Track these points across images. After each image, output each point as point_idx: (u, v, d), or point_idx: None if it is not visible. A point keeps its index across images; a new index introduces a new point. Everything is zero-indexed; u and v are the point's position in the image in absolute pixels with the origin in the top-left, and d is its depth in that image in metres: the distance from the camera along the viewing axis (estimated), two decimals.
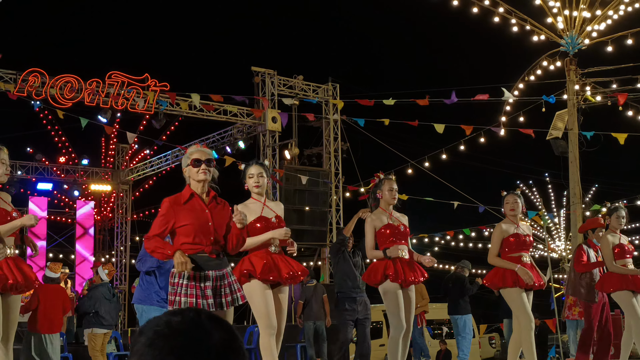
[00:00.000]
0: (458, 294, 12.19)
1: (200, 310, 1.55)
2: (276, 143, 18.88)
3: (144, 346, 1.49)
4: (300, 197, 18.69)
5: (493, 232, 7.43)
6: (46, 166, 22.66)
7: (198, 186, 5.03)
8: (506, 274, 7.09)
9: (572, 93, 17.73)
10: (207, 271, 4.90)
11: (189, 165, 5.04)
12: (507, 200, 7.38)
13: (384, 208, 6.96)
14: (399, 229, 6.85)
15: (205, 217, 4.93)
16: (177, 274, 4.86)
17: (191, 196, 4.99)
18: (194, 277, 4.86)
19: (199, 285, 4.86)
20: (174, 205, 4.95)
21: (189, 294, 4.83)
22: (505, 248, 7.21)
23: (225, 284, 4.97)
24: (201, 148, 5.15)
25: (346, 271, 9.81)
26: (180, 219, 4.90)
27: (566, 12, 17.78)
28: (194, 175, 5.01)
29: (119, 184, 24.25)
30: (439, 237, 25.43)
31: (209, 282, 4.89)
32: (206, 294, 4.86)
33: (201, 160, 5.02)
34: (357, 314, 9.85)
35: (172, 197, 5.07)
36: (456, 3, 16.91)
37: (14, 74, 15.73)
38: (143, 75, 16.88)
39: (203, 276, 4.88)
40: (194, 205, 4.97)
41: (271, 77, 18.80)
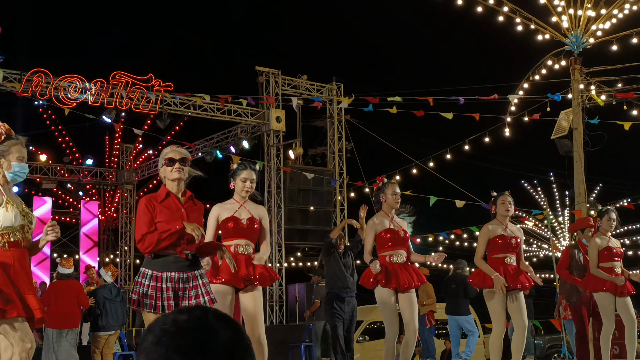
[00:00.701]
0: (462, 294, 12.17)
1: (207, 308, 1.55)
2: (280, 143, 18.88)
3: (151, 344, 1.49)
4: (305, 197, 18.69)
5: (479, 233, 7.47)
6: (50, 166, 22.69)
7: (173, 185, 5.04)
8: (487, 275, 7.12)
9: (577, 92, 17.70)
10: (170, 272, 4.86)
11: (163, 165, 5.08)
12: (502, 200, 7.36)
13: (386, 212, 6.98)
14: (398, 235, 6.88)
15: (180, 216, 4.93)
16: (149, 274, 4.84)
17: (167, 195, 5.01)
18: (156, 277, 4.84)
19: (160, 286, 4.83)
20: (151, 201, 4.97)
21: (149, 295, 4.80)
22: (491, 249, 7.24)
23: (189, 286, 4.92)
24: (176, 148, 5.16)
25: (336, 272, 9.94)
26: (156, 216, 4.91)
27: (571, 11, 17.75)
28: (168, 174, 5.05)
29: (123, 184, 24.27)
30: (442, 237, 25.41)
31: (170, 284, 4.85)
32: (165, 296, 4.83)
33: (175, 160, 5.04)
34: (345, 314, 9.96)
35: (147, 195, 5.11)
36: (460, 2, 16.91)
37: (19, 74, 15.75)
38: (147, 75, 16.90)
39: (166, 277, 4.85)
40: (169, 204, 4.98)
41: (275, 77, 18.80)
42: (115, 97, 16.39)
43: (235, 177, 6.06)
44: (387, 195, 6.97)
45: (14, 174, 4.72)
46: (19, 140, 4.81)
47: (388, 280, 6.71)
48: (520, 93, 18.54)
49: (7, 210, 4.60)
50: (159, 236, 4.81)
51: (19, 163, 4.72)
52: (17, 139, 4.82)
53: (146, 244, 4.85)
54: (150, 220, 4.89)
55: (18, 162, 4.72)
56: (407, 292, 6.79)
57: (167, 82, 17.01)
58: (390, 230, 6.85)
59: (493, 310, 7.11)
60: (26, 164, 4.77)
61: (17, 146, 4.76)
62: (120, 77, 16.59)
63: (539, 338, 17.37)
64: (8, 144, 4.75)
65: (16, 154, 4.73)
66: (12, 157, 4.72)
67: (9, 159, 4.72)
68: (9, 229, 4.59)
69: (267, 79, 18.69)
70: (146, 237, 4.85)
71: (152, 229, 4.86)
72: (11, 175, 4.73)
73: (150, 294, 4.79)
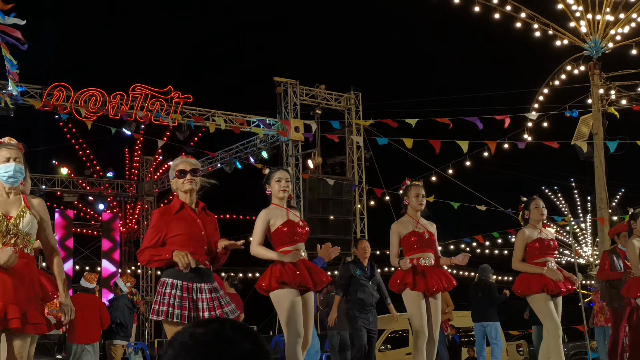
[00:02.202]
0: (488, 301, 12.09)
1: (225, 320, 1.55)
2: (299, 152, 18.91)
3: (170, 357, 1.50)
4: (324, 206, 18.69)
5: (516, 238, 7.35)
6: (71, 179, 22.86)
7: (186, 197, 5.02)
8: (531, 281, 7.00)
9: (597, 97, 17.58)
10: (200, 283, 4.84)
11: (174, 177, 5.04)
12: (536, 204, 7.26)
13: (411, 215, 6.89)
14: (423, 237, 6.77)
15: (197, 227, 4.92)
16: (169, 283, 4.80)
17: (181, 206, 4.98)
18: (186, 288, 4.80)
19: (192, 297, 4.79)
20: (164, 215, 4.94)
21: (183, 306, 4.75)
22: (530, 254, 7.13)
23: (219, 295, 4.92)
24: (187, 159, 5.13)
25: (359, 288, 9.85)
26: (172, 229, 4.88)
27: (589, 16, 17.65)
28: (180, 186, 5.01)
29: (144, 196, 24.40)
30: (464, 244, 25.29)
31: (202, 295, 4.83)
32: (200, 307, 4.80)
33: (186, 171, 5.01)
34: (369, 324, 9.88)
35: (161, 208, 5.09)
36: (478, 9, 16.87)
37: (39, 89, 15.91)
38: (166, 87, 17.00)
39: (196, 288, 4.83)
40: (184, 215, 4.95)
41: (293, 87, 18.85)
42: (135, 109, 16.50)
43: (270, 181, 6.02)
44: (411, 197, 6.89)
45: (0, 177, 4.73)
46: (4, 145, 4.82)
47: (417, 283, 6.62)
48: (540, 98, 18.46)
49: None
50: (150, 257, 4.84)
51: (2, 164, 4.71)
52: (4, 144, 4.83)
53: (141, 258, 4.91)
54: (154, 235, 4.89)
55: (2, 164, 4.71)
56: (435, 296, 6.73)
57: (186, 93, 17.11)
58: (414, 232, 6.76)
59: (544, 313, 6.96)
60: (12, 163, 4.71)
61: (1, 150, 4.75)
62: (139, 89, 16.71)
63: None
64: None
65: (2, 157, 4.72)
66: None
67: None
68: None
69: (285, 89, 18.74)
70: (144, 252, 4.89)
71: (151, 244, 4.86)
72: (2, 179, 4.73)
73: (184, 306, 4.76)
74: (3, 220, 4.62)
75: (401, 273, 6.72)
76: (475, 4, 16.70)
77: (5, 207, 4.72)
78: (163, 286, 4.85)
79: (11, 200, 4.76)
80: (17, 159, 4.75)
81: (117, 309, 11.39)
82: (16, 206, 4.75)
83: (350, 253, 19.30)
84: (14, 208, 4.74)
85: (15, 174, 4.74)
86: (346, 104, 19.72)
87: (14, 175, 4.74)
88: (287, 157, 18.61)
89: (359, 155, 19.68)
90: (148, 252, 4.85)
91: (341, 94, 19.76)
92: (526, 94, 19.29)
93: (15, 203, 4.76)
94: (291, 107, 18.68)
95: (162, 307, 4.76)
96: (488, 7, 16.98)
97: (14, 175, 4.74)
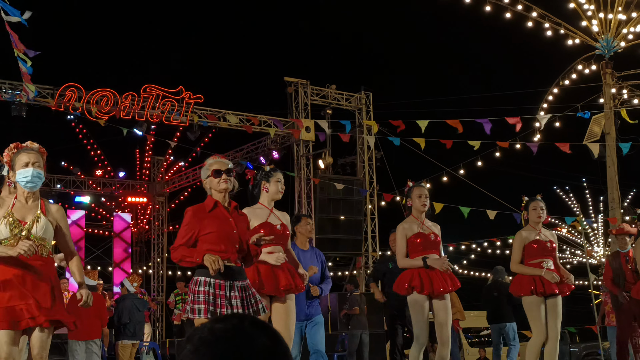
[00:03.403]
0: (504, 302, 12.06)
1: (244, 316, 1.55)
2: (310, 153, 18.91)
3: (189, 352, 1.50)
4: (335, 207, 18.68)
5: (514, 240, 7.36)
6: (83, 180, 22.95)
7: (220, 196, 5.07)
8: (523, 282, 7.03)
9: (609, 97, 17.50)
10: (233, 281, 4.89)
11: (209, 177, 5.09)
12: (534, 206, 7.25)
13: (415, 216, 6.85)
14: (429, 238, 6.73)
15: (230, 225, 4.97)
16: (202, 281, 4.83)
17: (215, 205, 5.04)
18: (219, 286, 4.84)
19: (225, 295, 4.83)
20: (197, 213, 5.00)
21: (217, 303, 4.80)
22: (527, 255, 7.13)
23: (249, 294, 4.97)
24: (219, 159, 5.19)
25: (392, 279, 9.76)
26: (205, 226, 4.93)
27: (601, 15, 17.58)
28: (215, 185, 5.07)
29: (155, 196, 24.46)
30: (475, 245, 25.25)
31: (235, 292, 4.87)
32: (233, 305, 4.83)
33: (221, 171, 5.08)
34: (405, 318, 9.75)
35: (195, 206, 5.12)
36: (489, 9, 16.82)
37: (51, 89, 15.97)
38: (177, 88, 17.04)
39: (229, 286, 4.87)
40: (217, 213, 5.00)
41: (304, 87, 18.86)
42: (146, 110, 16.55)
43: (269, 179, 6.03)
44: (414, 198, 6.83)
45: (18, 181, 4.79)
46: (25, 149, 4.86)
47: (422, 286, 6.59)
48: (550, 98, 18.39)
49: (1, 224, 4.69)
50: (182, 257, 4.87)
51: (21, 170, 4.77)
52: (25, 148, 4.88)
53: (173, 256, 4.94)
54: (187, 232, 4.94)
55: (21, 169, 4.77)
56: (442, 298, 6.67)
57: (197, 94, 17.14)
58: (419, 234, 6.71)
59: (533, 316, 7.01)
60: (31, 168, 4.76)
61: (20, 155, 4.81)
62: (151, 90, 16.75)
63: (574, 346, 17.13)
64: (14, 156, 4.83)
65: (21, 162, 4.78)
66: (18, 166, 4.79)
67: (15, 170, 4.80)
68: (7, 240, 4.67)
69: (295, 89, 18.75)
70: (176, 249, 4.92)
71: (183, 242, 4.91)
72: (20, 184, 4.79)
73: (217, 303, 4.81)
74: (17, 225, 4.68)
75: (408, 275, 6.67)
76: (486, 3, 16.64)
77: (22, 212, 4.78)
78: (196, 284, 4.87)
79: (29, 205, 4.83)
80: (35, 164, 4.80)
81: (124, 308, 11.43)
82: (33, 212, 4.82)
83: (361, 253, 19.34)
84: (30, 214, 4.81)
85: (33, 179, 4.79)
86: (357, 104, 19.72)
87: (32, 180, 4.79)
88: (297, 158, 18.61)
89: (370, 155, 19.66)
90: (181, 251, 4.90)
91: (352, 94, 19.76)
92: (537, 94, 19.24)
93: (32, 209, 4.83)
94: (302, 107, 18.70)
95: (197, 305, 4.79)
96: (499, 6, 16.94)
97: (32, 180, 4.79)
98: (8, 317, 4.53)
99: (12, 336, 4.56)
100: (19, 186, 4.83)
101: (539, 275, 6.99)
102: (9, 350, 4.54)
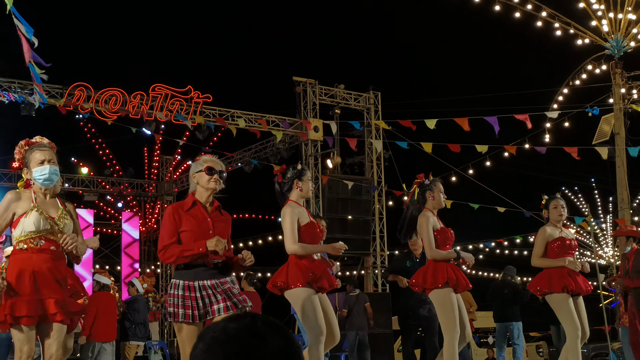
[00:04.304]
0: (512, 301, 12.04)
1: (256, 315, 1.55)
2: (318, 152, 18.91)
3: (201, 352, 1.50)
4: (343, 206, 18.67)
5: (537, 235, 7.25)
6: (91, 178, 23.01)
7: (204, 194, 5.02)
8: (553, 280, 6.91)
9: (618, 97, 17.44)
10: (202, 281, 4.82)
11: (200, 172, 5.03)
12: (555, 204, 7.19)
13: (431, 209, 6.72)
14: (450, 234, 6.70)
15: (206, 225, 4.90)
16: (173, 283, 4.82)
17: (194, 204, 4.99)
18: (188, 287, 4.80)
19: (193, 295, 4.79)
20: (177, 210, 4.95)
21: (185, 305, 4.77)
22: (550, 252, 7.05)
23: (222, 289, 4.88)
24: (215, 159, 5.15)
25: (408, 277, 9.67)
26: (182, 225, 4.88)
27: (611, 15, 17.51)
28: (204, 182, 5.01)
29: (163, 195, 24.50)
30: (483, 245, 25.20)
31: (204, 292, 4.81)
32: (200, 304, 4.79)
33: (215, 170, 5.02)
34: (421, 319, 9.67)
35: (174, 204, 5.10)
36: (498, 8, 16.78)
37: (60, 89, 16.01)
38: (186, 87, 17.06)
39: (199, 286, 4.81)
40: (196, 213, 4.95)
41: (312, 87, 18.85)
42: (155, 109, 16.58)
43: (302, 178, 5.95)
44: (436, 193, 6.70)
45: (35, 179, 4.83)
46: (37, 146, 4.90)
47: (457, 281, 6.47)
48: (560, 98, 18.32)
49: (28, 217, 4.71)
50: (180, 253, 4.78)
51: (37, 167, 4.81)
52: (37, 145, 4.91)
53: (167, 255, 4.84)
54: (174, 230, 4.87)
55: (37, 166, 4.81)
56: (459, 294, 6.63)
57: (206, 93, 17.16)
58: (443, 229, 6.60)
59: (565, 314, 6.86)
60: (47, 165, 4.81)
61: (35, 152, 4.85)
62: (159, 89, 16.78)
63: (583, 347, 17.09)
64: (28, 154, 4.87)
65: (36, 160, 4.82)
66: (33, 164, 4.83)
67: (31, 168, 4.83)
68: (34, 234, 4.69)
69: (304, 89, 18.75)
70: (168, 249, 4.83)
71: (174, 240, 4.84)
72: (38, 182, 4.83)
73: (186, 304, 4.76)
74: (49, 220, 4.72)
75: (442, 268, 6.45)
76: (495, 3, 16.61)
77: (45, 207, 4.83)
78: (170, 287, 4.91)
79: (49, 201, 4.88)
80: (51, 161, 4.84)
81: (137, 309, 11.43)
82: (54, 207, 4.87)
83: (369, 252, 19.33)
84: (53, 209, 4.85)
85: (50, 177, 4.84)
86: (365, 104, 19.70)
87: (50, 177, 4.84)
88: (306, 157, 18.61)
89: (378, 155, 19.64)
90: (173, 249, 4.82)
91: (360, 94, 19.74)
92: (546, 94, 19.18)
93: (53, 205, 4.88)
94: (310, 107, 18.69)
95: (169, 308, 4.82)
96: (508, 6, 16.89)
97: (50, 177, 4.84)
98: (27, 312, 4.57)
99: (30, 332, 4.61)
100: (35, 183, 4.85)
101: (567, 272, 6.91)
102: (30, 345, 4.60)
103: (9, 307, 4.54)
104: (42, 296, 4.60)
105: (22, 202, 4.78)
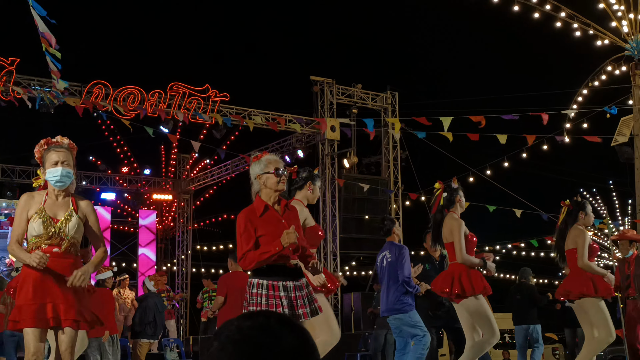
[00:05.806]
0: (529, 303, 12.01)
1: (270, 313, 1.54)
2: (335, 152, 18.90)
3: (216, 350, 1.50)
4: (360, 206, 18.66)
5: (579, 236, 7.14)
6: (109, 176, 23.12)
7: (272, 196, 4.90)
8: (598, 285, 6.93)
9: (638, 98, 17.30)
10: (285, 282, 4.79)
11: (267, 173, 4.89)
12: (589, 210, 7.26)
13: (457, 213, 6.76)
14: (474, 241, 6.73)
15: (283, 227, 4.79)
16: (255, 283, 4.78)
17: (265, 208, 4.88)
18: (272, 286, 4.75)
19: (278, 295, 4.76)
20: (250, 216, 4.84)
21: (269, 304, 4.72)
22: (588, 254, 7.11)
23: (303, 294, 4.87)
24: (276, 157, 5.01)
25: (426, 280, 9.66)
26: (258, 230, 4.80)
27: (631, 16, 17.37)
28: (273, 184, 4.88)
29: (180, 194, 24.57)
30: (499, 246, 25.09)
31: (285, 293, 4.78)
32: (283, 304, 4.75)
33: (282, 170, 4.91)
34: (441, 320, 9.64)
35: (245, 210, 4.91)
36: (517, 8, 16.70)
37: (79, 87, 16.10)
38: (204, 86, 17.10)
39: (281, 286, 4.78)
40: (269, 218, 4.86)
41: (330, 86, 18.84)
42: (173, 107, 16.63)
43: (315, 182, 6.02)
44: (462, 197, 6.81)
45: (48, 180, 4.86)
46: (54, 146, 4.92)
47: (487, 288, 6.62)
48: (579, 99, 18.21)
49: (33, 221, 4.77)
50: (258, 257, 4.72)
51: (50, 168, 4.83)
52: (54, 145, 4.93)
53: (247, 262, 4.77)
54: (250, 236, 4.78)
55: (51, 167, 4.83)
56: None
57: (224, 92, 17.19)
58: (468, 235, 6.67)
59: (601, 317, 6.90)
60: (59, 167, 4.82)
61: (51, 153, 4.87)
62: (177, 88, 16.83)
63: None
64: (45, 153, 4.90)
65: (51, 161, 4.85)
66: (48, 164, 4.86)
67: (45, 168, 4.88)
68: (35, 238, 4.77)
69: (321, 88, 18.74)
70: (247, 255, 4.75)
71: (251, 246, 4.76)
72: (50, 182, 4.86)
73: (270, 303, 4.72)
74: (50, 223, 4.75)
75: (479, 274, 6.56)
76: (514, 3, 16.53)
77: (54, 209, 4.84)
78: (250, 287, 4.83)
79: (60, 202, 4.89)
80: (65, 162, 4.85)
81: (146, 307, 11.47)
82: (64, 209, 4.88)
83: None
84: (62, 210, 4.86)
85: (62, 179, 4.85)
86: (382, 104, 19.67)
87: (62, 179, 4.85)
88: (322, 157, 18.60)
89: (395, 155, 19.60)
90: (252, 254, 4.74)
91: (377, 94, 19.71)
92: (565, 95, 19.06)
93: (63, 206, 4.89)
94: (327, 106, 18.68)
95: (251, 307, 4.75)
96: (527, 6, 16.80)
97: (62, 179, 4.85)
98: (36, 314, 4.62)
99: (39, 333, 4.65)
100: (49, 183, 4.88)
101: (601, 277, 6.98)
102: (37, 346, 4.64)
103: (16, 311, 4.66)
104: (44, 300, 4.65)
105: (34, 205, 4.83)
